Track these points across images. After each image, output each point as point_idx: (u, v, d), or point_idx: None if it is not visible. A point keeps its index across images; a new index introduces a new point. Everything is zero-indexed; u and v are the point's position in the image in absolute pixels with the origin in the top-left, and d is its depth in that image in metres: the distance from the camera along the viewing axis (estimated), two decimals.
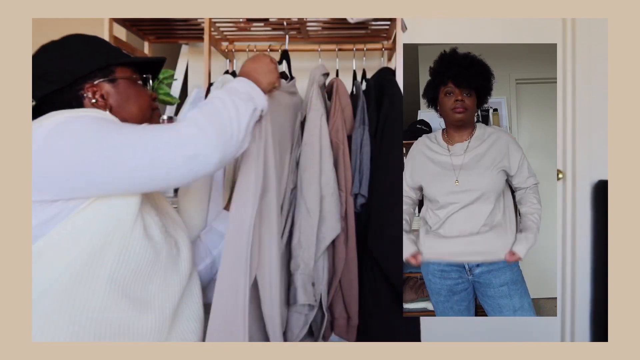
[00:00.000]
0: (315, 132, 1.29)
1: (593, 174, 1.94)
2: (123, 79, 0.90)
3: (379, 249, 1.20)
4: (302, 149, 1.30)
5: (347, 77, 1.58)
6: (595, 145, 1.93)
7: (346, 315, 1.32)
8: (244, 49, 1.57)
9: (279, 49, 1.53)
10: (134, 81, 0.92)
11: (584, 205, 1.94)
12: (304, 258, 1.23)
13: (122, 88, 0.89)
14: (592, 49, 1.93)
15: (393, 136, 1.24)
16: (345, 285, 1.30)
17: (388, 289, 1.23)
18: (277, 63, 1.00)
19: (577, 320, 1.94)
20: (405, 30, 1.49)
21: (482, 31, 2.02)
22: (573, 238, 1.96)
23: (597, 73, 1.93)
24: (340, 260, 1.29)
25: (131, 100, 0.90)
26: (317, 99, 1.32)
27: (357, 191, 1.29)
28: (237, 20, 1.61)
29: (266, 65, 0.96)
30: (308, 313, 1.27)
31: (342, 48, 1.53)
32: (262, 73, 0.94)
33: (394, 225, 1.17)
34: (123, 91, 0.89)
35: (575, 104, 1.95)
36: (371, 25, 1.65)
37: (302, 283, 1.22)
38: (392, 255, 1.18)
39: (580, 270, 1.94)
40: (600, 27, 1.92)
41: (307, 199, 1.24)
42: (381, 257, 1.20)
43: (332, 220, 1.26)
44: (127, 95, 0.90)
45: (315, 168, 1.27)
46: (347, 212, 1.30)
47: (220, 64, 1.85)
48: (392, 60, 1.59)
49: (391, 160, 1.21)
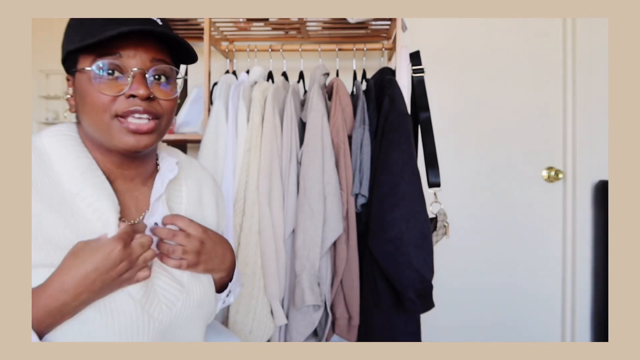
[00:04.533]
0: (317, 132, 1.29)
1: (593, 174, 1.94)
2: (78, 71, 0.68)
3: (379, 249, 1.20)
4: (304, 149, 1.30)
5: (347, 77, 1.58)
6: (595, 145, 1.93)
7: (347, 315, 1.32)
8: (244, 48, 1.57)
9: (279, 49, 1.54)
10: (90, 74, 0.66)
11: (584, 205, 1.94)
12: (309, 258, 1.23)
13: (78, 84, 0.68)
14: (592, 49, 1.93)
15: (393, 136, 1.24)
16: (347, 285, 1.30)
17: (388, 289, 1.23)
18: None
19: (578, 320, 1.94)
20: (406, 30, 1.49)
21: (482, 31, 2.02)
22: (573, 238, 1.96)
23: (597, 73, 1.93)
24: (342, 260, 1.29)
25: (85, 102, 0.68)
26: (318, 99, 1.32)
27: (358, 191, 1.29)
28: (237, 20, 1.61)
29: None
30: (313, 314, 1.27)
31: (342, 48, 1.53)
32: None
33: (394, 226, 1.17)
34: (78, 88, 0.69)
35: (575, 104, 1.95)
36: (371, 25, 1.65)
37: (309, 284, 1.22)
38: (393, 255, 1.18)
39: (580, 270, 1.94)
40: (600, 27, 1.93)
41: (311, 199, 1.24)
42: (381, 257, 1.19)
43: (334, 221, 1.26)
44: (81, 95, 0.68)
45: (318, 168, 1.27)
46: (348, 211, 1.30)
47: (220, 64, 1.85)
48: (392, 60, 1.59)
49: (391, 160, 1.21)
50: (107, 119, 0.67)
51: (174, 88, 0.73)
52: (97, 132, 0.69)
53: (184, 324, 0.76)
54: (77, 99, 0.70)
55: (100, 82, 0.66)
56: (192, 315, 0.76)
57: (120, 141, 0.68)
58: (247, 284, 1.27)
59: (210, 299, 0.80)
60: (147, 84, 0.68)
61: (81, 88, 0.68)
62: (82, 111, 0.69)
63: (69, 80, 0.71)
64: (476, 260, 2.04)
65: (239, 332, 1.26)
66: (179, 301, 0.74)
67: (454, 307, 2.04)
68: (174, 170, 0.78)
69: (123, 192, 0.74)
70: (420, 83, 1.36)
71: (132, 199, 0.75)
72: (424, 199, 1.21)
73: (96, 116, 0.67)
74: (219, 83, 1.43)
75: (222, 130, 1.35)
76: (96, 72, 0.66)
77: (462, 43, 2.03)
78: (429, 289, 1.16)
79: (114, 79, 0.67)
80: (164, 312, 0.71)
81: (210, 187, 0.89)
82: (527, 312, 2.03)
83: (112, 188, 0.71)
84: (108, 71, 0.66)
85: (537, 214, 2.02)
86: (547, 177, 2.01)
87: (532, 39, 2.00)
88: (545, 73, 2.01)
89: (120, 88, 0.67)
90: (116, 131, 0.68)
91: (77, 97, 0.69)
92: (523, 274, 2.03)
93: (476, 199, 2.04)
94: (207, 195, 0.88)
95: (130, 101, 0.67)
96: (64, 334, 0.63)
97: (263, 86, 1.37)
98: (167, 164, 0.79)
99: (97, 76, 0.66)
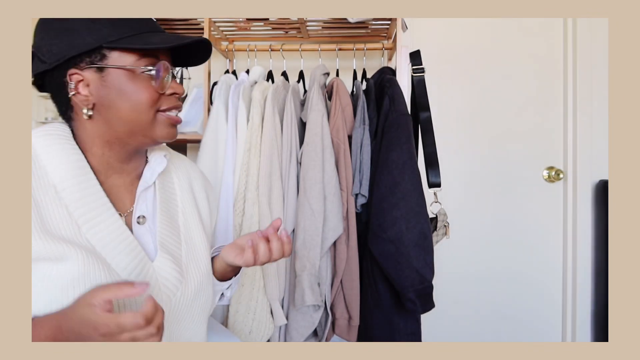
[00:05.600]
0: (317, 132, 1.29)
1: (594, 174, 1.94)
2: (116, 68, 0.69)
3: (379, 249, 1.20)
4: (304, 149, 1.29)
5: (347, 77, 1.58)
6: (596, 145, 1.93)
7: (347, 316, 1.31)
8: (244, 48, 1.57)
9: (279, 49, 1.54)
10: (134, 73, 0.70)
11: (584, 205, 1.94)
12: (310, 258, 1.23)
13: (112, 80, 0.70)
14: (592, 49, 1.93)
15: (393, 136, 1.23)
16: (346, 285, 1.30)
17: (389, 289, 1.23)
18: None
19: (578, 320, 1.94)
20: (406, 30, 1.48)
21: (482, 31, 2.02)
22: (574, 238, 1.96)
23: (597, 73, 1.93)
24: (342, 260, 1.28)
25: (127, 98, 0.70)
26: (318, 99, 1.32)
27: (358, 191, 1.29)
28: (237, 20, 1.61)
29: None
30: (313, 314, 1.27)
31: (342, 48, 1.53)
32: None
33: (394, 226, 1.17)
34: (112, 84, 0.70)
35: (576, 104, 1.95)
36: (371, 25, 1.64)
37: (309, 284, 1.22)
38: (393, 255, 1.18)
39: (581, 270, 1.94)
40: (600, 27, 1.93)
41: (311, 199, 1.24)
42: (381, 258, 1.19)
43: (334, 220, 1.26)
44: (119, 91, 0.70)
45: (318, 168, 1.26)
46: (348, 211, 1.30)
47: (220, 63, 1.85)
48: (392, 60, 1.59)
49: (391, 160, 1.21)
50: (152, 113, 0.73)
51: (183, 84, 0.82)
52: (136, 126, 0.72)
53: (182, 317, 0.78)
54: (106, 93, 0.70)
55: (144, 80, 0.71)
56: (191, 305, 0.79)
57: (163, 132, 0.75)
58: (246, 284, 1.27)
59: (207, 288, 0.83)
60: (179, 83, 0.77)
61: (120, 84, 0.70)
62: (118, 106, 0.71)
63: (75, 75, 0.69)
64: (476, 260, 2.04)
65: (239, 332, 1.26)
66: (178, 291, 0.76)
67: (454, 307, 2.04)
68: (162, 162, 0.82)
69: (118, 187, 0.77)
70: (421, 83, 1.36)
71: (127, 192, 0.78)
72: (424, 198, 1.20)
73: (141, 111, 0.72)
74: (219, 83, 1.43)
75: (222, 130, 1.35)
76: (146, 72, 0.71)
77: (462, 43, 2.03)
78: (429, 289, 1.16)
79: (161, 78, 0.73)
80: (164, 302, 0.74)
81: (200, 180, 0.92)
82: (528, 312, 2.03)
83: (109, 183, 0.75)
84: (157, 70, 0.72)
85: (537, 214, 2.01)
86: (547, 177, 2.01)
87: (532, 39, 2.00)
88: (546, 73, 2.00)
89: (164, 85, 0.73)
90: (160, 124, 0.74)
91: (109, 92, 0.70)
92: (523, 274, 2.02)
93: (476, 199, 2.04)
94: (197, 187, 0.91)
95: (172, 98, 0.76)
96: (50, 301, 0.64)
97: (263, 86, 1.37)
98: (155, 158, 0.82)
99: (142, 75, 0.71)
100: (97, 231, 0.69)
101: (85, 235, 0.68)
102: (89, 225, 0.69)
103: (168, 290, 0.75)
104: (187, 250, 0.81)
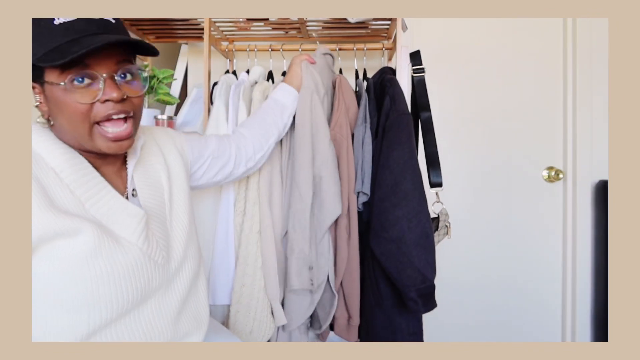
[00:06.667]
0: (305, 111, 1.22)
1: (594, 174, 1.94)
2: (48, 83, 0.69)
3: (380, 249, 1.20)
4: (294, 132, 1.25)
5: (348, 77, 1.58)
6: (596, 145, 1.93)
7: (347, 315, 1.31)
8: (244, 48, 1.57)
9: (279, 49, 1.54)
10: (60, 86, 0.68)
11: (584, 205, 1.94)
12: (298, 242, 1.21)
13: (50, 94, 0.70)
14: (592, 49, 1.93)
15: (394, 135, 1.23)
16: (347, 285, 1.30)
17: (390, 288, 1.23)
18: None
19: (578, 320, 1.94)
20: (406, 30, 1.48)
21: (482, 31, 2.02)
22: (574, 238, 1.96)
23: (597, 73, 1.93)
24: (342, 260, 1.28)
25: (62, 111, 0.70)
26: (308, 76, 1.26)
27: (360, 189, 1.29)
28: (237, 20, 1.61)
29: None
30: (305, 297, 1.25)
31: (343, 48, 1.53)
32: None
33: (395, 225, 1.17)
34: (51, 98, 0.70)
35: (576, 104, 1.95)
36: (371, 25, 1.64)
37: (296, 268, 1.20)
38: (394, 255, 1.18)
39: (581, 270, 1.94)
40: (600, 27, 1.93)
41: (299, 182, 1.21)
42: (382, 257, 1.19)
43: (330, 202, 1.22)
44: (56, 104, 0.70)
45: (307, 149, 1.22)
46: (350, 209, 1.29)
47: (220, 63, 1.85)
48: (393, 60, 1.59)
49: (392, 159, 1.21)
50: (87, 126, 0.71)
51: (141, 83, 0.77)
52: (79, 137, 0.72)
53: (181, 267, 0.84)
54: (50, 106, 0.71)
55: (74, 92, 0.69)
56: (183, 260, 0.85)
57: (103, 146, 0.73)
58: (247, 284, 1.27)
59: (192, 245, 0.90)
60: (118, 86, 0.71)
61: (55, 98, 0.70)
62: (59, 119, 0.71)
63: (35, 88, 0.72)
64: (477, 260, 2.04)
65: (239, 332, 1.26)
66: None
67: (455, 306, 2.04)
68: (136, 155, 0.85)
69: (109, 174, 0.80)
70: (421, 83, 1.36)
71: (119, 177, 0.82)
72: (425, 197, 1.20)
73: (76, 124, 0.70)
74: (219, 83, 1.43)
75: (222, 130, 1.35)
76: (68, 85, 0.68)
77: (463, 43, 2.03)
78: (431, 289, 1.16)
79: (86, 87, 0.69)
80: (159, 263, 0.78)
81: (165, 141, 0.95)
82: (528, 312, 2.03)
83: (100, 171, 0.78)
84: (79, 79, 0.68)
85: (537, 214, 2.02)
86: (547, 177, 2.01)
87: (532, 39, 2.00)
88: (546, 73, 2.00)
89: (95, 94, 0.70)
90: (98, 138, 0.72)
91: (51, 105, 0.71)
92: (523, 273, 2.03)
93: (476, 199, 2.04)
94: (168, 150, 0.94)
95: (106, 105, 0.71)
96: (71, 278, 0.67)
97: (263, 86, 1.37)
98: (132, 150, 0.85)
99: (70, 87, 0.68)
100: (100, 206, 0.73)
101: (90, 210, 0.71)
102: (92, 202, 0.72)
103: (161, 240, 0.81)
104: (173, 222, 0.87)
